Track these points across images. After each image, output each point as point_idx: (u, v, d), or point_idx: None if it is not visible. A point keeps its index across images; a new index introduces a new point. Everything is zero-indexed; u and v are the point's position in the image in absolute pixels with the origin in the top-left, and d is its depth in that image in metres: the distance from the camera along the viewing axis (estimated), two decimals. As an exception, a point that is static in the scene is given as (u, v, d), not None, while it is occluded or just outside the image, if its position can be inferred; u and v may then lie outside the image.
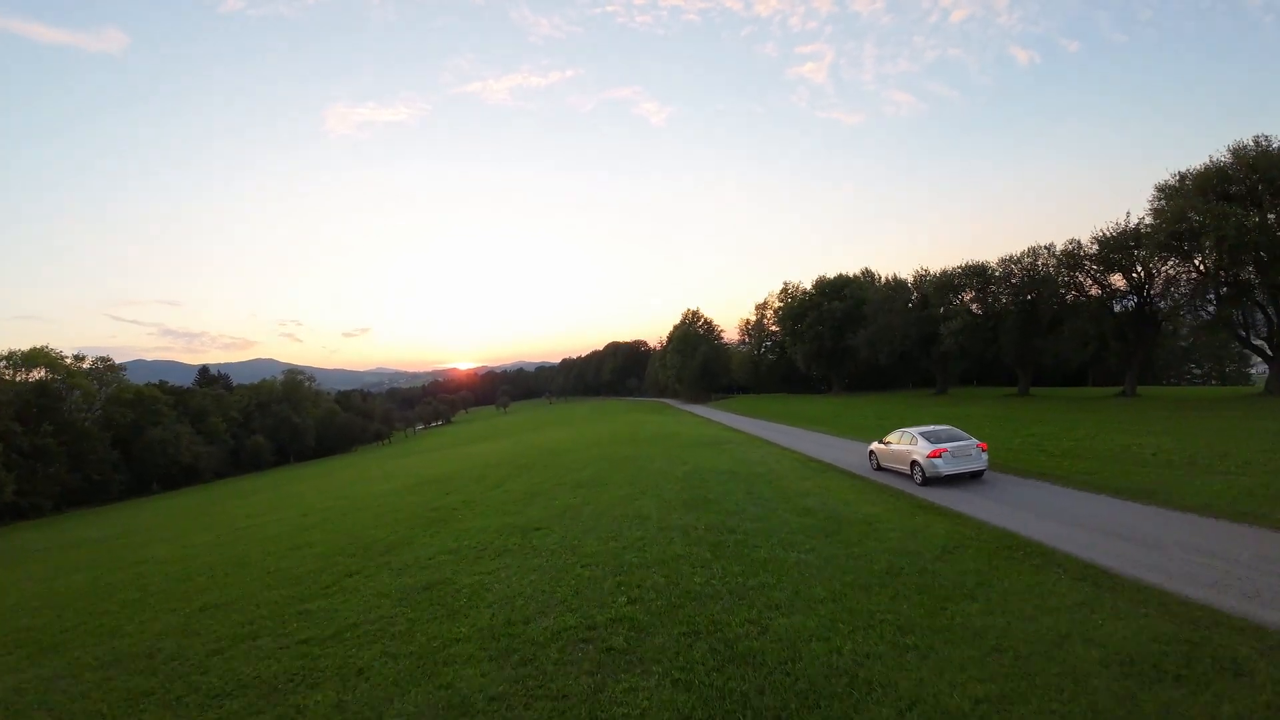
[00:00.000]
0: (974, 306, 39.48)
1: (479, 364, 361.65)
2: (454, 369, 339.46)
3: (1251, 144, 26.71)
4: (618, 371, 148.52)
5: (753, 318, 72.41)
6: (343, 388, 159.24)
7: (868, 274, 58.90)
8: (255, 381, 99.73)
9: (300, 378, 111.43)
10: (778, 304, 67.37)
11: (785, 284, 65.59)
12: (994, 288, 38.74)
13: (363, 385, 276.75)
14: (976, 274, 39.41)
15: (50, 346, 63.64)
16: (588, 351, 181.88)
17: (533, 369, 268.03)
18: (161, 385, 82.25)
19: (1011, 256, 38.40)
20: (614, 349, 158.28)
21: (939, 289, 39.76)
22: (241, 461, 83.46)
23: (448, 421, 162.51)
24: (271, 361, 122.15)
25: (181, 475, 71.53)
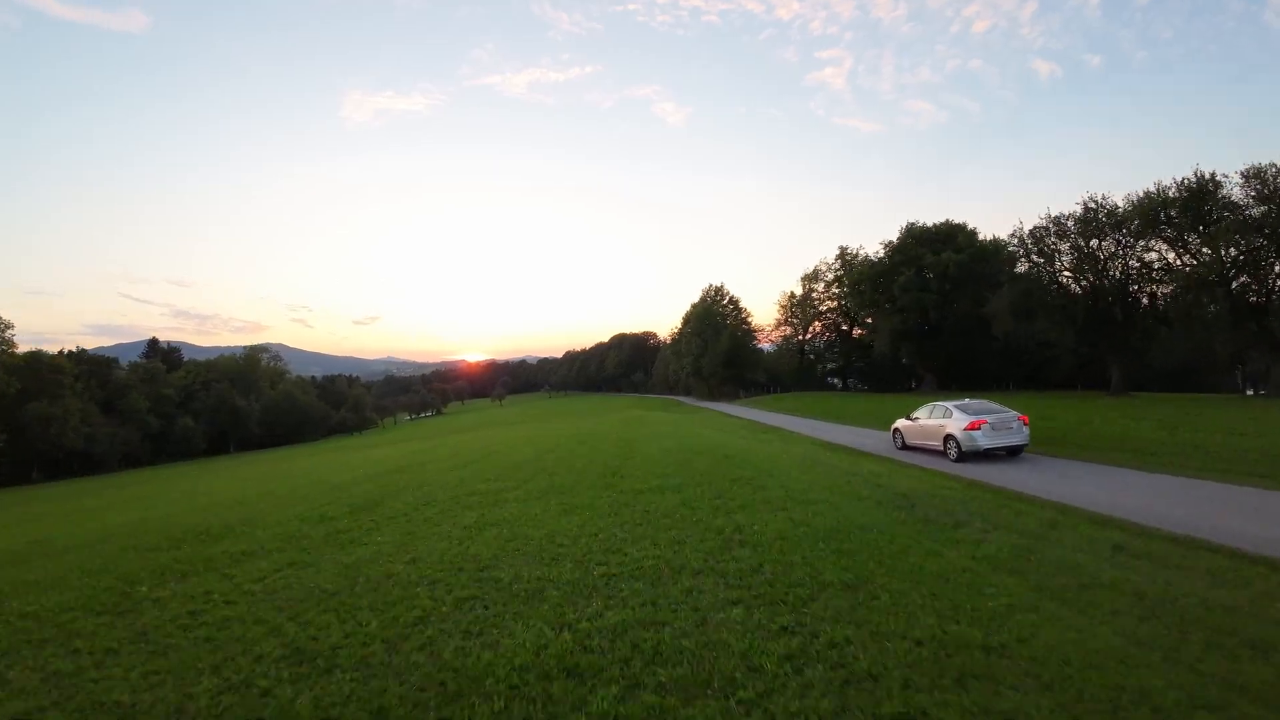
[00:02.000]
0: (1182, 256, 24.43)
1: (487, 356, 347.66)
2: (462, 360, 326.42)
3: None
4: (623, 365, 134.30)
5: (797, 290, 56.36)
6: (350, 375, 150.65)
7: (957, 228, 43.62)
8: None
9: (263, 355, 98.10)
10: (832, 275, 52.45)
11: (842, 249, 50.73)
12: (1229, 217, 23.79)
13: (370, 373, 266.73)
14: (1198, 199, 24.49)
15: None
16: (592, 345, 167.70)
17: (535, 362, 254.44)
18: (77, 354, 68.94)
19: (1261, 169, 23.74)
20: (619, 341, 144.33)
21: (1144, 216, 24.24)
22: (170, 449, 69.79)
23: (438, 412, 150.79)
24: (281, 346, 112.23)
25: (77, 461, 57.85)
